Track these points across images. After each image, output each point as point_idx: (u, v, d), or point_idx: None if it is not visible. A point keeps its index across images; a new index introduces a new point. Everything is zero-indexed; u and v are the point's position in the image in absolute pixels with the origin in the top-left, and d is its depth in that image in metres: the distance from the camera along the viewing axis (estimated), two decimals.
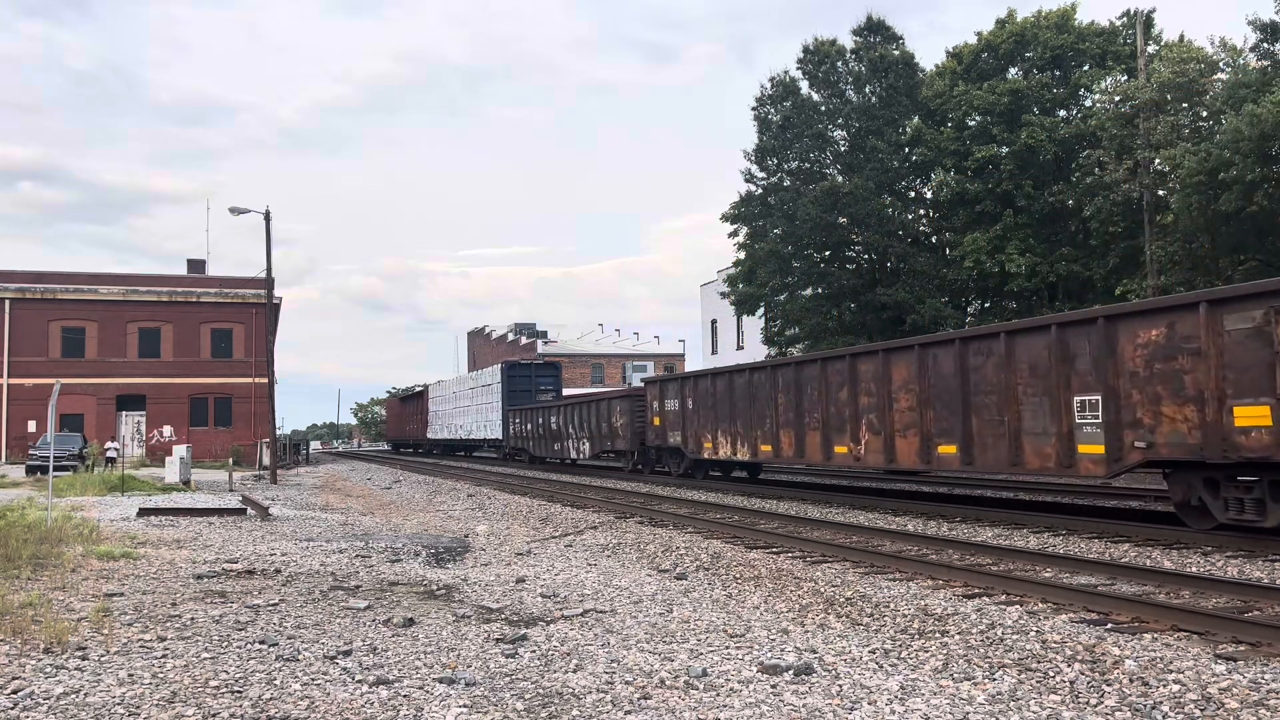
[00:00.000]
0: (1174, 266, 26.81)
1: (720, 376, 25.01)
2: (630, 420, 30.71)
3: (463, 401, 54.78)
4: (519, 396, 46.03)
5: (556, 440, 38.19)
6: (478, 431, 51.26)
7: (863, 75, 37.11)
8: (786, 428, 21.58)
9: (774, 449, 22.11)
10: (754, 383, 23.01)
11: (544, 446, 39.95)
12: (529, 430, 42.06)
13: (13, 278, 50.92)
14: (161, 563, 11.99)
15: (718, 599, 9.83)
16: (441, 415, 61.04)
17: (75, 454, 35.19)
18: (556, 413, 38.39)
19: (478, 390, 51.47)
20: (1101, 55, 33.57)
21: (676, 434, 27.04)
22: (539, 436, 40.55)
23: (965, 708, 5.92)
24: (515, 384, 47.05)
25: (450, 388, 59.47)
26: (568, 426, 36.87)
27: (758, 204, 39.12)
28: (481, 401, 50.36)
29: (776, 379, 22.04)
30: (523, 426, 43.10)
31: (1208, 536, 12.81)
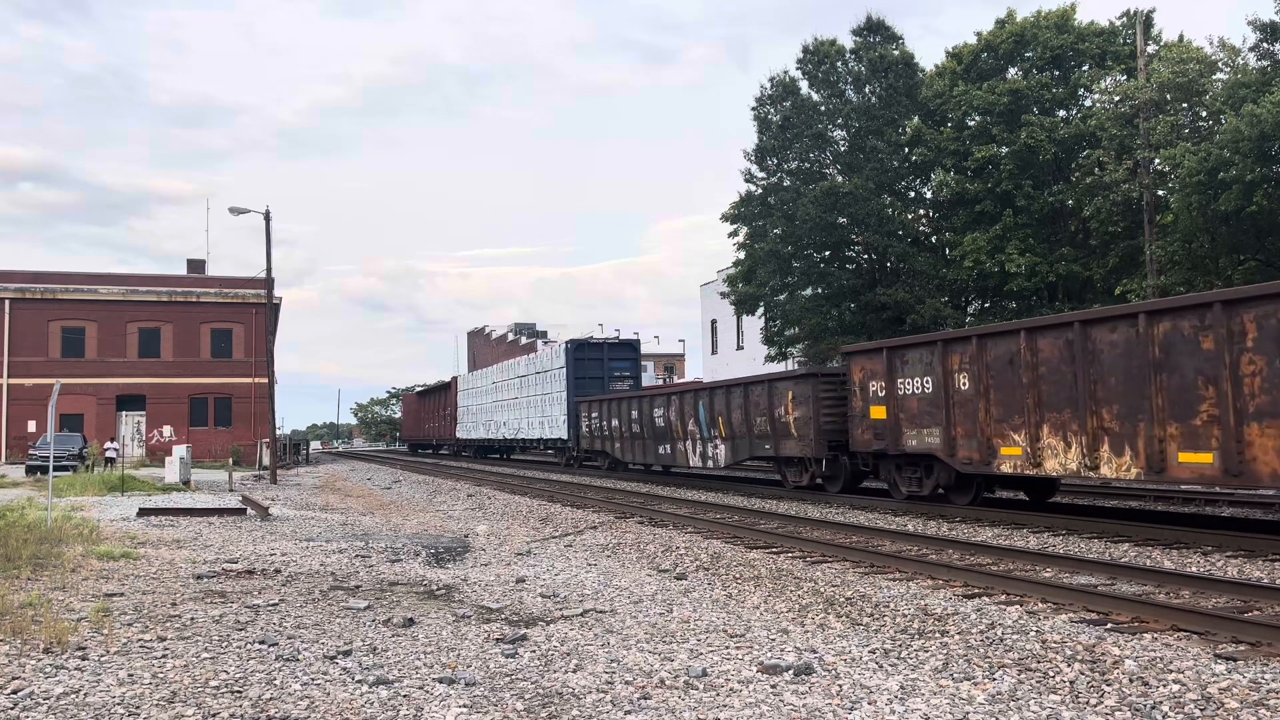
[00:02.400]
0: (1174, 266, 26.80)
1: (1048, 333, 14.92)
2: (813, 412, 20.76)
3: (505, 394, 46.15)
4: (588, 385, 36.98)
5: (663, 441, 28.51)
6: (528, 429, 42.33)
7: (862, 75, 37.09)
8: None
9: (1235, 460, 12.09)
10: (1154, 337, 13.12)
11: (638, 449, 30.39)
12: (612, 428, 32.24)
13: (13, 278, 50.91)
14: (161, 563, 11.99)
15: (718, 599, 9.83)
16: (474, 411, 52.59)
17: (75, 454, 35.19)
18: (664, 403, 28.59)
19: (529, 379, 42.45)
20: (1101, 55, 33.55)
21: (929, 432, 17.19)
22: (629, 436, 30.91)
23: (965, 708, 5.92)
24: (584, 369, 37.58)
25: (488, 378, 50.45)
26: (684, 422, 27.15)
27: (758, 204, 39.10)
28: (535, 392, 41.28)
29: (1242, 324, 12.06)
30: (602, 423, 33.25)
31: (1208, 536, 12.81)
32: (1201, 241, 25.39)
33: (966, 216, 34.42)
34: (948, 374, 16.80)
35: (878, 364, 18.55)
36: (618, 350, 39.06)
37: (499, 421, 47.34)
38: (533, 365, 42.63)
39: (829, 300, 37.41)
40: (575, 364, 37.58)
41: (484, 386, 50.81)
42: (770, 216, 38.29)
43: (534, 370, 41.98)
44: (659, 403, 28.93)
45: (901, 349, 18.17)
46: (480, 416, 51.21)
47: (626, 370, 38.46)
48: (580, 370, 37.53)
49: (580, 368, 37.59)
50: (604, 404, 33.23)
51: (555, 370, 38.89)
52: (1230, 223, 24.40)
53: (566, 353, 37.90)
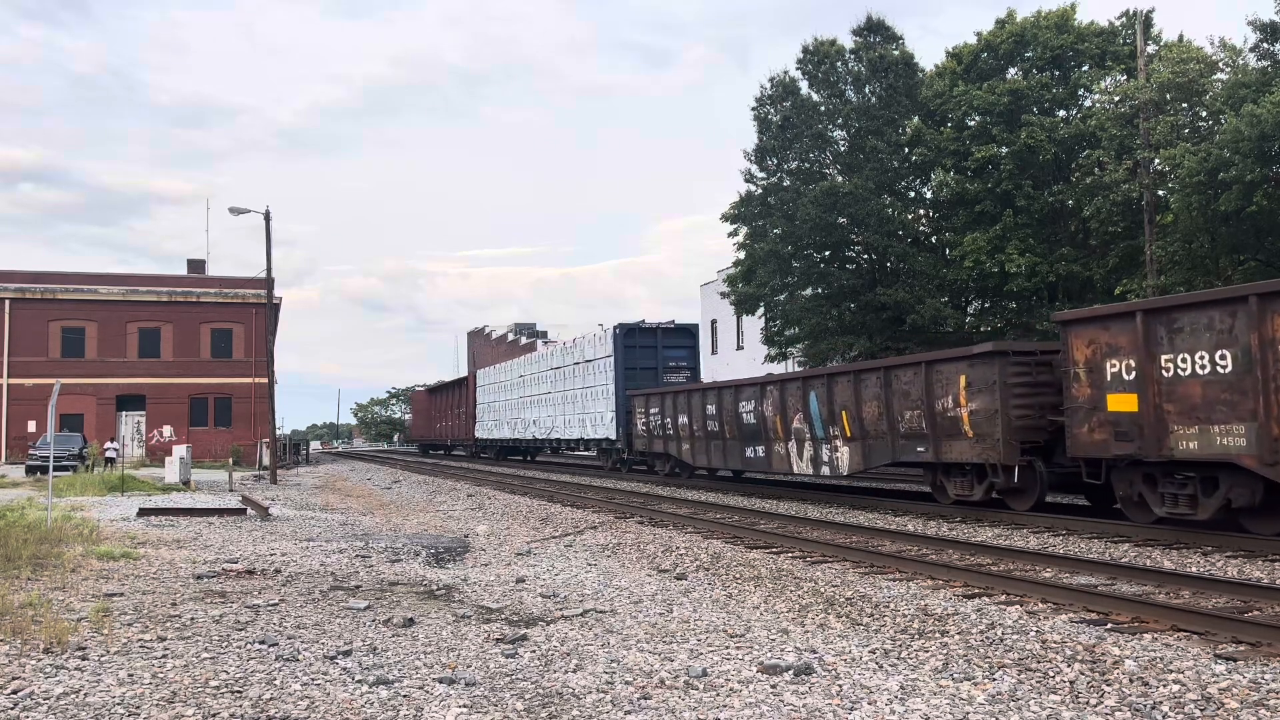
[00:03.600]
0: (1174, 266, 26.80)
1: None
2: (999, 403, 15.52)
3: (535, 388, 41.33)
4: (639, 377, 32.25)
5: (752, 442, 23.19)
6: (564, 427, 37.57)
7: (862, 75, 37.08)
8: None
9: None
10: None
11: (715, 451, 25.11)
12: (678, 426, 27.02)
13: (13, 278, 50.91)
14: (161, 563, 11.99)
15: (718, 599, 9.83)
16: (496, 408, 47.90)
17: (75, 454, 35.19)
18: (756, 395, 22.93)
19: (566, 372, 37.45)
20: (1101, 55, 33.56)
21: (1227, 430, 12.15)
22: (703, 436, 25.62)
23: (965, 708, 5.92)
24: (635, 358, 32.65)
25: (514, 371, 45.61)
26: (785, 418, 21.49)
27: (757, 204, 39.09)
28: (573, 386, 36.55)
29: None
30: (663, 420, 28.09)
31: (1208, 536, 12.80)
32: (1201, 241, 25.38)
33: (966, 216, 34.43)
34: (1267, 343, 11.65)
35: (1123, 334, 13.49)
36: (673, 337, 33.94)
37: (527, 419, 42.38)
38: (570, 355, 37.26)
39: (829, 300, 37.40)
40: (625, 353, 32.50)
41: (509, 381, 45.93)
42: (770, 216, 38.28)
43: (572, 361, 36.85)
44: (748, 395, 23.46)
45: (1170, 312, 12.94)
46: (504, 414, 46.45)
47: (683, 360, 33.50)
48: (631, 360, 32.48)
49: (631, 357, 32.55)
50: (668, 398, 27.84)
51: (600, 360, 33.76)
52: (1230, 223, 24.40)
53: (615, 340, 32.58)
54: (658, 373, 32.69)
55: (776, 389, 22.26)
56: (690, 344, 34.39)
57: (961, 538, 13.86)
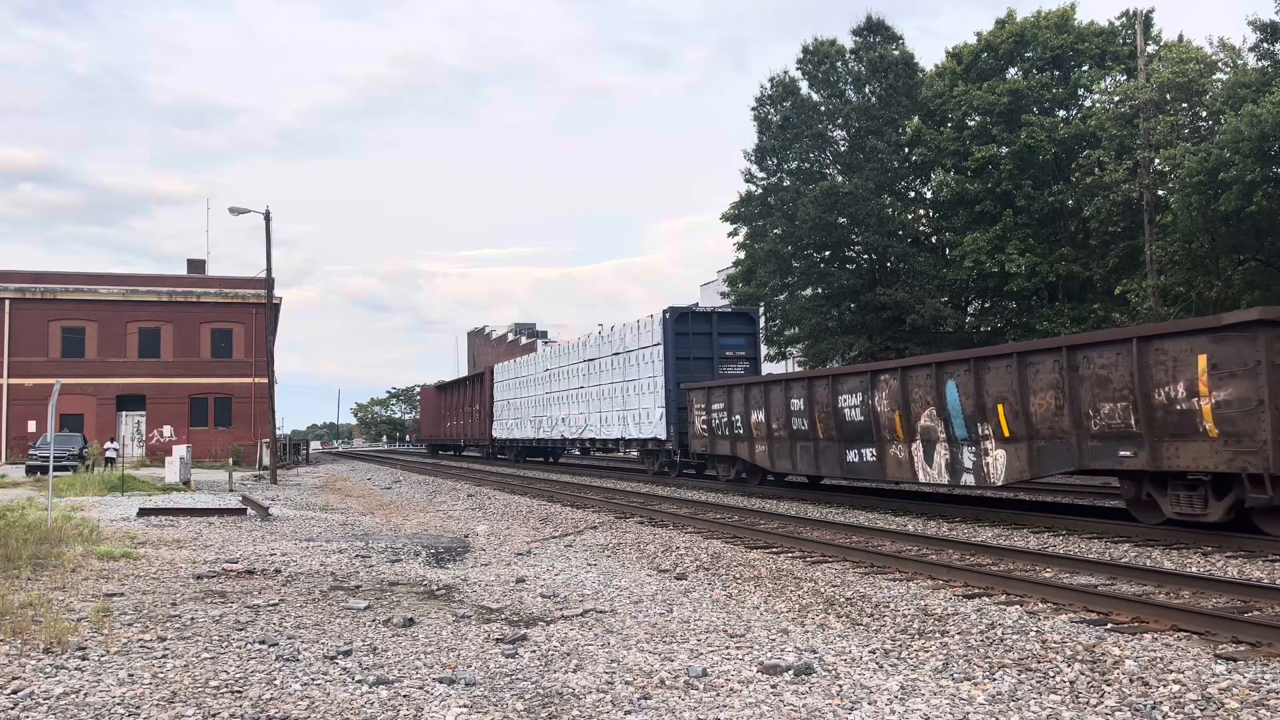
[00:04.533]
0: (1174, 266, 26.81)
1: None
2: (1268, 389, 11.40)
3: (565, 382, 37.46)
4: (692, 368, 28.32)
5: (858, 443, 18.78)
6: (601, 426, 33.35)
7: (862, 75, 37.11)
8: None
9: None
10: None
11: (803, 454, 20.71)
12: (752, 424, 22.58)
13: (13, 278, 50.91)
14: (161, 563, 11.99)
15: (718, 599, 9.83)
16: (517, 405, 44.02)
17: (75, 454, 35.19)
18: (865, 386, 18.47)
19: (603, 364, 33.40)
20: (1101, 55, 33.59)
21: None
22: (785, 436, 21.18)
23: (965, 708, 5.92)
24: (688, 346, 28.72)
25: (539, 364, 41.57)
26: (909, 414, 17.18)
27: (758, 204, 39.14)
28: (613, 379, 32.43)
29: None
30: (729, 417, 23.70)
31: (1208, 536, 12.80)
32: (1201, 241, 25.39)
33: (966, 216, 34.45)
34: None
35: None
36: (731, 323, 29.78)
37: (554, 417, 38.41)
38: (608, 345, 33.25)
39: (829, 300, 37.43)
40: (677, 340, 28.53)
41: (532, 375, 42.01)
42: (770, 216, 38.32)
43: (610, 351, 32.82)
44: (852, 386, 18.82)
45: None
46: (526, 412, 42.41)
47: (741, 349, 29.34)
48: (683, 348, 28.55)
49: (683, 345, 28.60)
50: (736, 391, 23.47)
51: (646, 350, 29.73)
52: (1230, 223, 24.41)
53: (665, 326, 28.60)
54: (713, 364, 28.58)
55: (894, 378, 17.66)
56: (749, 330, 29.92)
57: (961, 538, 13.86)
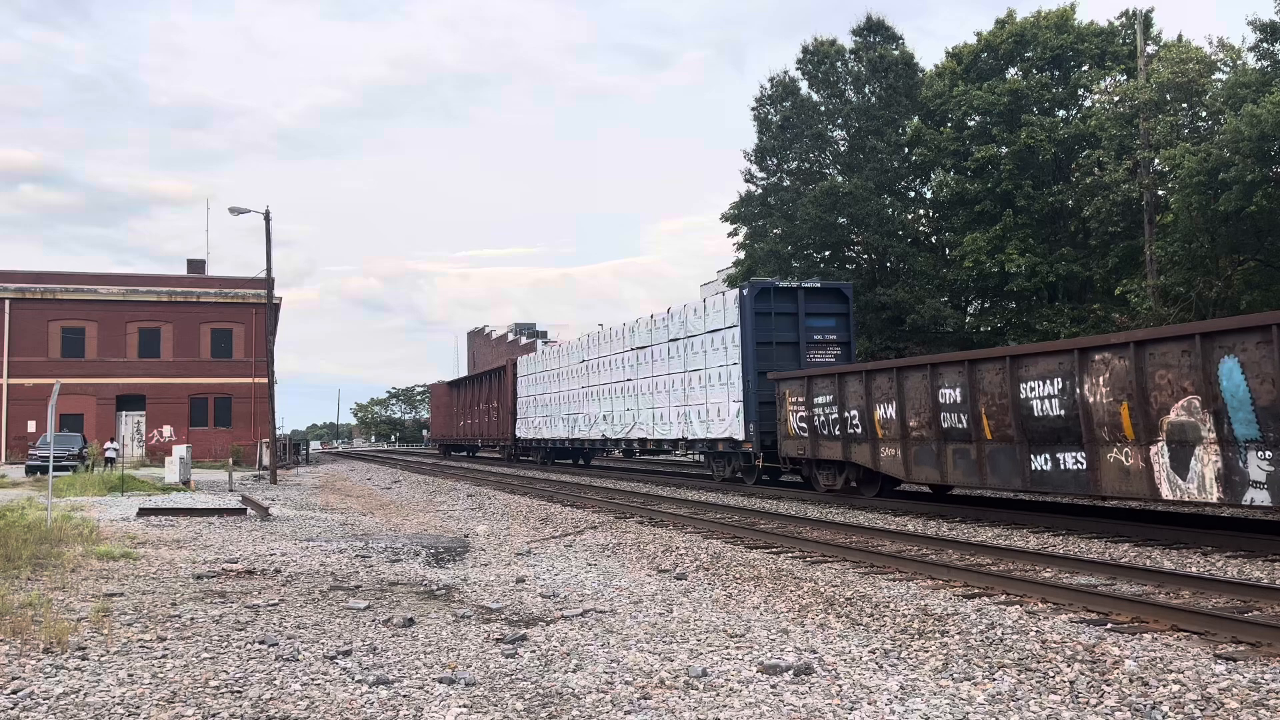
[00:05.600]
0: (1174, 266, 26.81)
1: None
2: None
3: (607, 375, 32.88)
4: (775, 355, 24.01)
5: (1051, 446, 14.50)
6: (656, 425, 28.83)
7: (862, 75, 37.12)
8: None
9: None
10: None
11: (960, 459, 16.33)
12: (878, 420, 18.34)
13: (13, 278, 50.90)
14: (161, 563, 11.99)
15: (718, 599, 9.83)
16: (547, 402, 39.74)
17: (75, 454, 35.18)
18: (1059, 370, 14.30)
19: (659, 351, 28.81)
20: (1100, 55, 33.60)
21: None
22: (929, 435, 16.92)
23: (965, 708, 5.92)
24: (769, 328, 24.24)
25: (573, 354, 37.00)
26: (1149, 403, 12.85)
27: (757, 204, 39.16)
28: (671, 369, 27.98)
29: None
30: (841, 411, 19.50)
31: (1208, 536, 12.81)
32: (1201, 241, 25.39)
33: (966, 216, 34.46)
34: None
35: None
36: (820, 300, 24.96)
37: (592, 414, 34.21)
38: (664, 330, 28.66)
39: None
40: (757, 321, 24.05)
41: (564, 368, 37.75)
42: (770, 216, 38.34)
43: (666, 337, 28.36)
44: (1046, 369, 14.36)
45: None
46: (557, 408, 38.33)
47: (832, 331, 24.86)
48: (764, 331, 24.10)
49: (764, 327, 24.12)
50: (851, 380, 19.22)
51: (717, 334, 25.27)
52: (1230, 223, 24.40)
53: (742, 305, 24.16)
54: (798, 349, 24.22)
55: (1121, 356, 13.25)
56: (842, 310, 25.19)
57: (961, 538, 13.86)
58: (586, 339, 35.88)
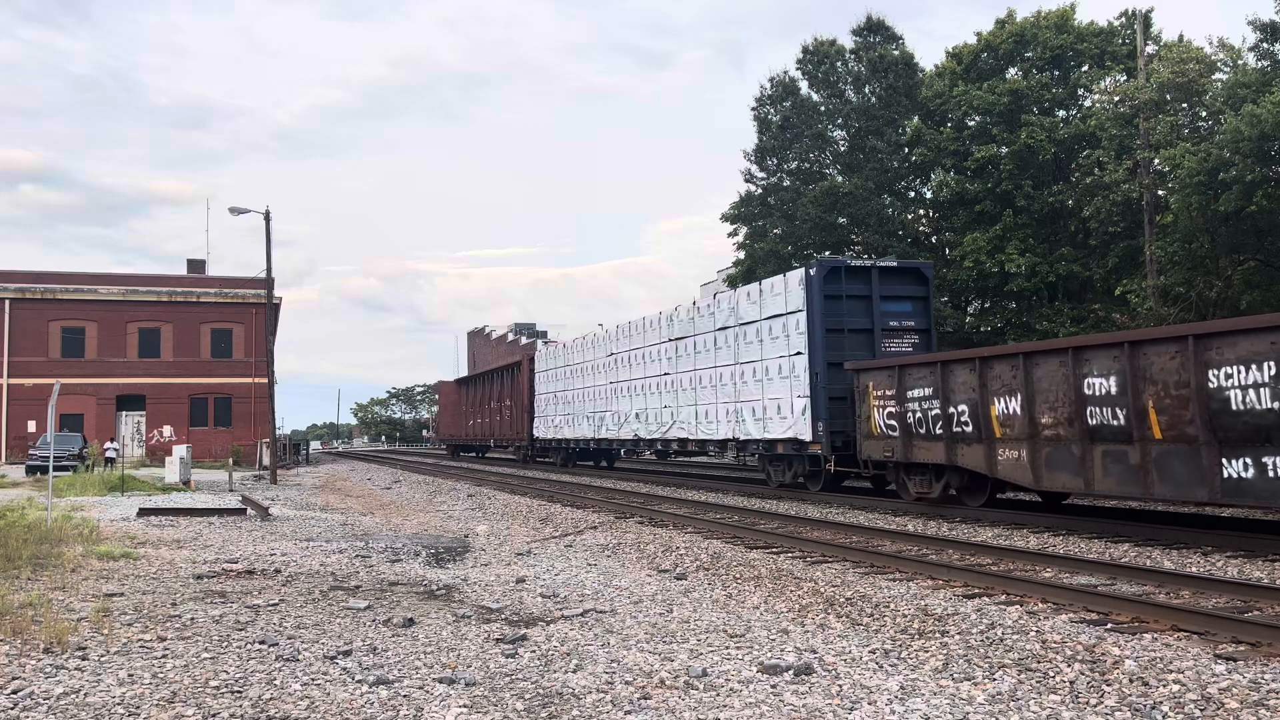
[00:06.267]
0: (1174, 266, 26.80)
1: None
2: None
3: (640, 369, 30.03)
4: (846, 344, 21.05)
5: (1248, 447, 11.62)
6: (701, 423, 26.00)
7: (862, 75, 37.12)
8: None
9: None
10: None
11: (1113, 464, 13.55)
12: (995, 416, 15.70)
13: (13, 278, 50.90)
14: (161, 563, 11.99)
15: (718, 599, 9.83)
16: (569, 399, 37.07)
17: (75, 454, 35.18)
18: (1261, 350, 11.41)
19: (704, 341, 25.93)
20: (1100, 55, 33.60)
21: None
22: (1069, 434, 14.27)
23: (965, 708, 5.92)
24: (840, 313, 21.30)
25: (598, 348, 34.06)
26: None
27: (757, 204, 39.16)
28: (720, 361, 24.94)
29: None
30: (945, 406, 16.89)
31: (1208, 536, 12.81)
32: (1201, 242, 25.39)
33: (966, 216, 34.45)
34: None
35: None
36: (896, 281, 22.01)
37: (623, 412, 31.19)
38: (710, 317, 25.67)
39: None
40: (826, 306, 21.08)
41: (590, 362, 34.94)
42: (770, 216, 38.35)
43: (714, 325, 25.34)
44: (1246, 351, 11.76)
45: None
46: (581, 405, 35.61)
47: (909, 316, 21.98)
48: (834, 316, 21.17)
49: (834, 312, 21.17)
50: (959, 369, 16.55)
51: (777, 320, 22.21)
52: (1230, 223, 24.40)
53: (809, 286, 21.15)
54: (873, 337, 21.43)
55: None
56: (920, 293, 22.20)
57: (961, 538, 13.86)
58: (616, 330, 32.79)
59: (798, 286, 21.60)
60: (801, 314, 21.34)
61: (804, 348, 21.16)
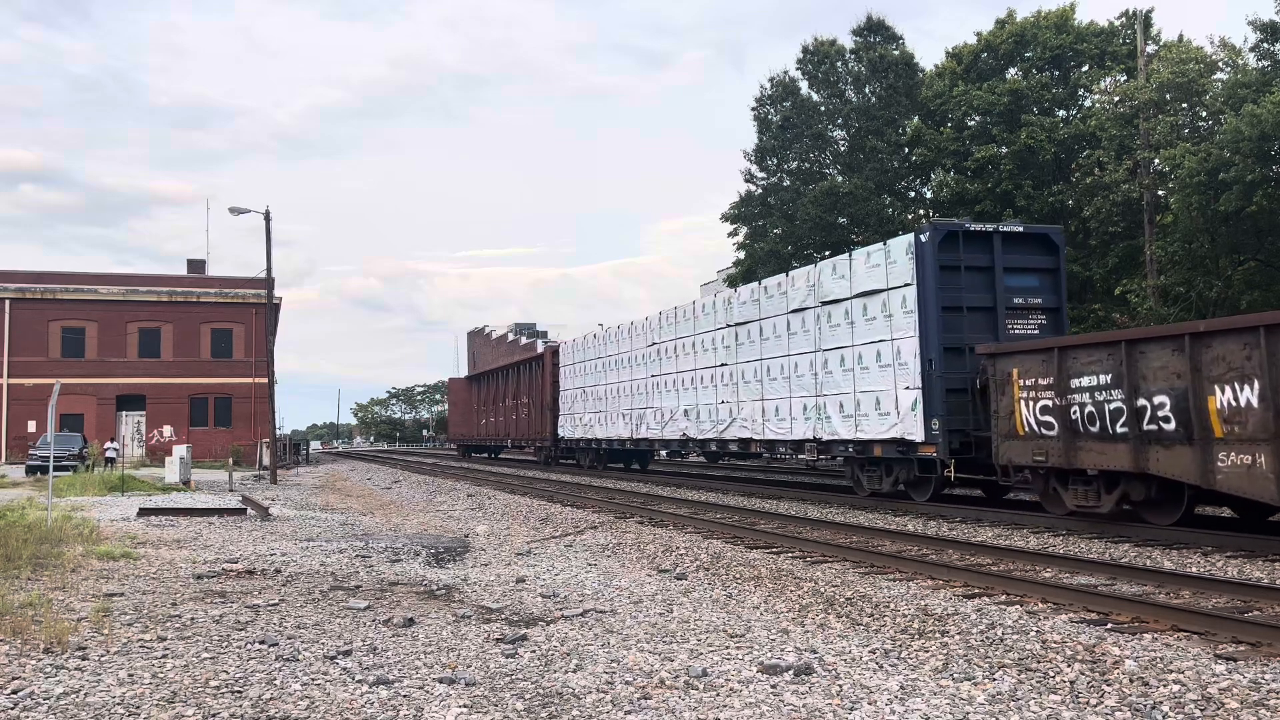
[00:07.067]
0: (1174, 266, 26.81)
1: None
2: None
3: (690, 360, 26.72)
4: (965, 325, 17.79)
5: None
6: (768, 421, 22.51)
7: (862, 75, 37.13)
8: None
9: None
10: None
11: None
12: (1210, 410, 12.15)
13: (13, 278, 50.90)
14: (161, 563, 11.99)
15: (718, 599, 9.83)
16: (601, 395, 33.81)
17: (75, 454, 35.18)
18: None
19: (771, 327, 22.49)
20: (1100, 55, 33.60)
21: None
22: None
23: (965, 708, 5.91)
24: (956, 288, 17.94)
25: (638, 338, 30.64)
26: None
27: (757, 204, 39.18)
28: (796, 349, 21.42)
29: None
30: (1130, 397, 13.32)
31: (1208, 536, 12.80)
32: (1201, 241, 25.40)
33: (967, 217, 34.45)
34: None
35: None
36: (1020, 249, 18.48)
37: (667, 409, 28.04)
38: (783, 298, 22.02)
39: None
40: (942, 279, 17.68)
41: (627, 353, 31.58)
42: (770, 216, 38.36)
43: (788, 307, 21.74)
44: None
45: None
46: (616, 403, 32.27)
47: (1036, 292, 18.51)
48: (950, 291, 17.72)
49: (950, 286, 17.74)
50: (1154, 349, 13.19)
51: (874, 298, 18.88)
52: (1230, 223, 24.41)
53: (919, 255, 17.79)
54: (996, 317, 17.96)
55: None
56: (1050, 264, 18.76)
57: (961, 538, 13.86)
58: (659, 317, 29.42)
59: (904, 256, 18.13)
60: (909, 289, 17.91)
61: (913, 330, 17.78)
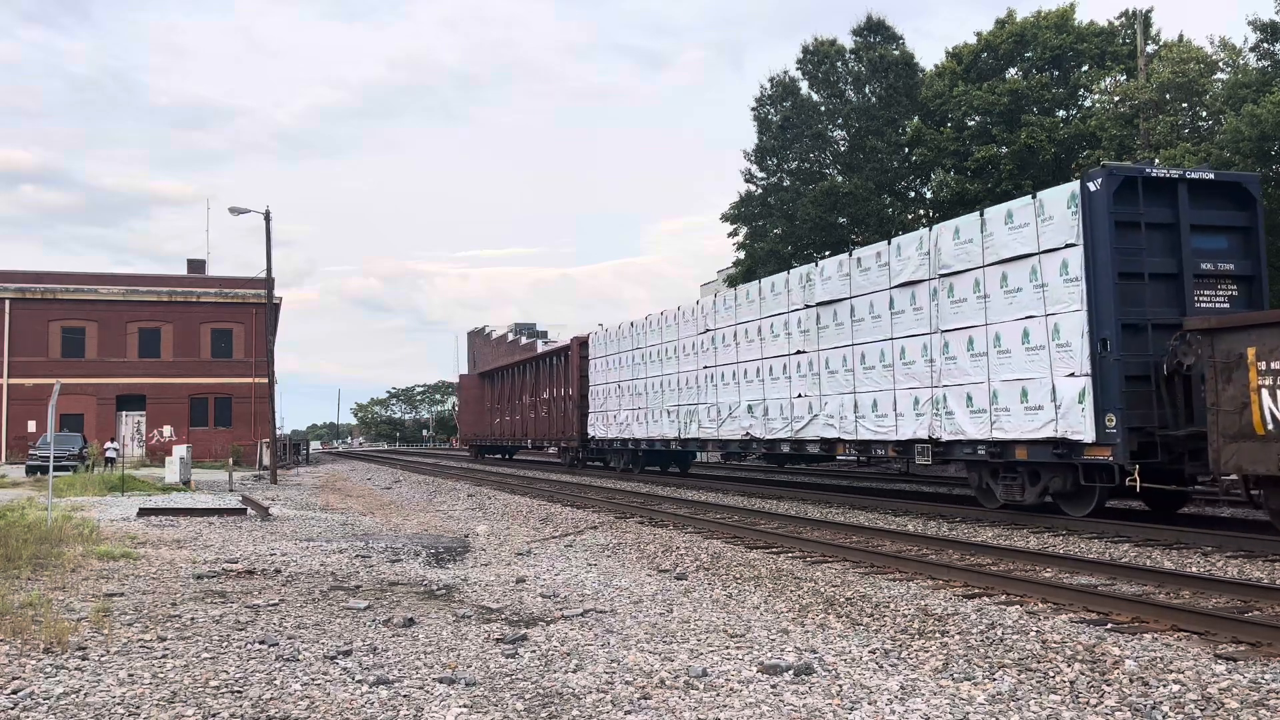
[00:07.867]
0: None
1: None
2: None
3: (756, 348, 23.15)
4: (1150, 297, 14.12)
5: None
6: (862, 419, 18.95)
7: (862, 75, 37.13)
8: None
9: None
10: None
11: None
12: None
13: (13, 278, 50.89)
14: (161, 563, 11.99)
15: (718, 599, 9.83)
16: (637, 390, 30.54)
17: (75, 454, 35.18)
18: None
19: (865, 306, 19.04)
20: (1100, 55, 33.60)
21: None
22: None
23: (965, 708, 5.92)
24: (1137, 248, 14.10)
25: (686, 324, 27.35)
26: None
27: (757, 204, 39.17)
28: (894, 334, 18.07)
29: None
30: None
31: (1208, 536, 12.80)
32: None
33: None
34: None
35: None
36: (1206, 203, 14.89)
37: (725, 405, 24.70)
38: (884, 271, 18.53)
39: None
40: (1118, 238, 14.21)
41: (673, 342, 28.18)
42: (770, 216, 38.36)
43: (891, 282, 18.30)
44: None
45: None
46: (659, 398, 28.92)
47: (1226, 255, 14.91)
48: (1130, 254, 14.24)
49: (1129, 247, 14.26)
50: None
51: (1018, 264, 15.38)
52: None
53: (1086, 207, 14.29)
54: (1182, 286, 14.51)
55: None
56: (1242, 222, 15.07)
57: (961, 538, 13.86)
58: (714, 300, 26.10)
59: (1064, 211, 14.55)
60: (1072, 251, 14.38)
61: (1078, 302, 14.26)
